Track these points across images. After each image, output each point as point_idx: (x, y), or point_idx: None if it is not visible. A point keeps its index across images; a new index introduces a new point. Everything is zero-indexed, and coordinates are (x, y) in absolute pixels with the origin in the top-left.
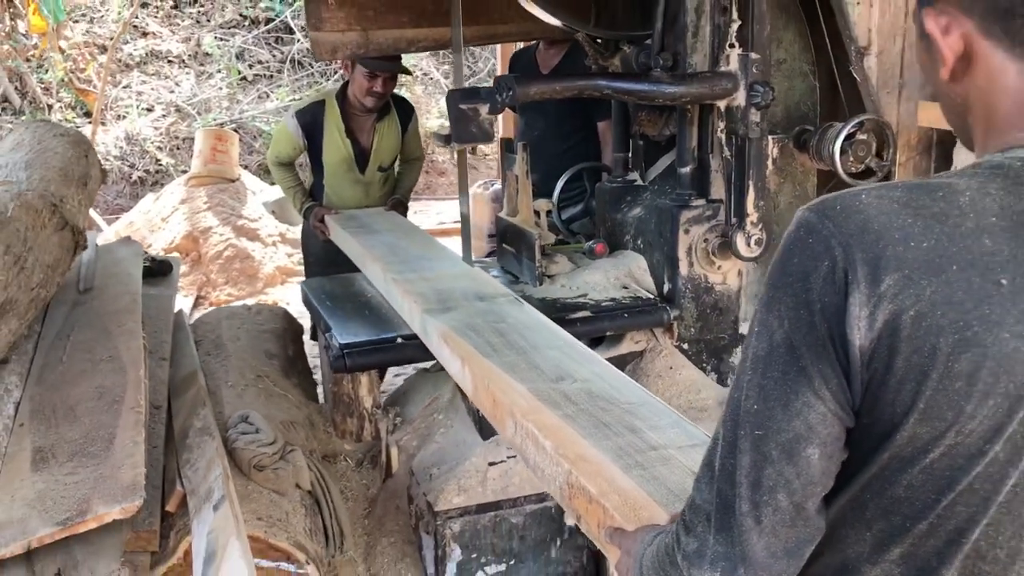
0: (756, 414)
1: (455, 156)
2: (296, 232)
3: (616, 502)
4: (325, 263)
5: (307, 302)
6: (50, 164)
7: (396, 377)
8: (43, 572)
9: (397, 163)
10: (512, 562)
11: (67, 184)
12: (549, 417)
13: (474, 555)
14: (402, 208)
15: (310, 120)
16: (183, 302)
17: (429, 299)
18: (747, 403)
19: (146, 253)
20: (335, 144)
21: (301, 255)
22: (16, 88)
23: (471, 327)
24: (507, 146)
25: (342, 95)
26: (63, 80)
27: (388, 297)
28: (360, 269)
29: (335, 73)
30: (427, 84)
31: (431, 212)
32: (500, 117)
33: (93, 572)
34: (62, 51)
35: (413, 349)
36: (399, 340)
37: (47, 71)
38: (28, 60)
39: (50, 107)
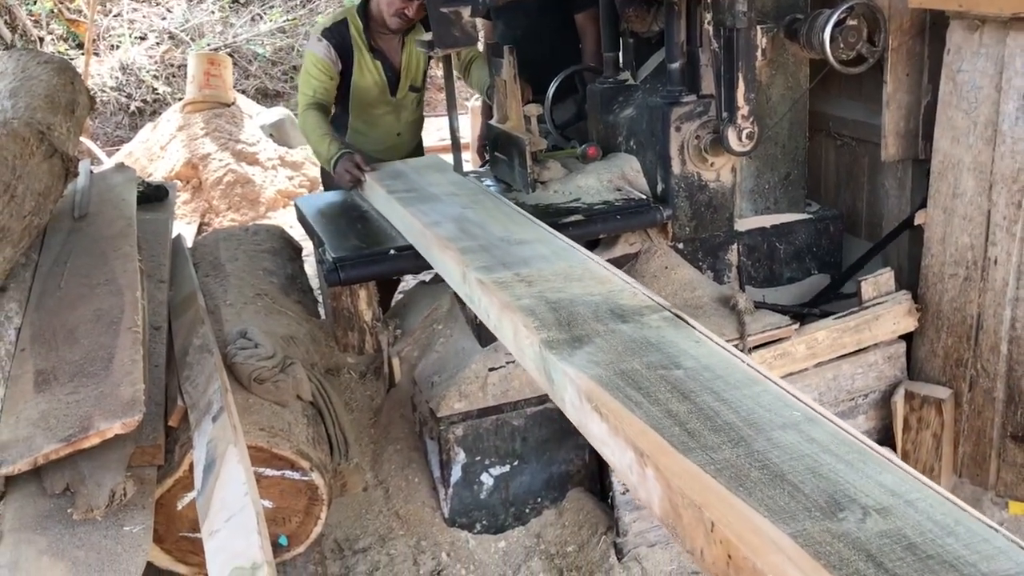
0: None
1: (440, 65)
2: (295, 155)
3: None
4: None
5: (301, 219)
6: (35, 92)
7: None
8: (52, 487)
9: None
10: (515, 463)
11: (54, 111)
12: None
13: (478, 458)
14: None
15: (339, 40)
16: (187, 229)
17: (544, 320)
18: None
19: (140, 179)
20: (365, 66)
21: (302, 179)
22: (6, 22)
23: (629, 379)
24: (493, 50)
25: (363, 11)
26: (52, 11)
27: (474, 307)
28: (421, 253)
29: None
30: None
31: (431, 129)
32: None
33: (100, 485)
34: None
35: (406, 260)
36: (392, 252)
37: (35, 2)
38: None
39: (41, 40)
